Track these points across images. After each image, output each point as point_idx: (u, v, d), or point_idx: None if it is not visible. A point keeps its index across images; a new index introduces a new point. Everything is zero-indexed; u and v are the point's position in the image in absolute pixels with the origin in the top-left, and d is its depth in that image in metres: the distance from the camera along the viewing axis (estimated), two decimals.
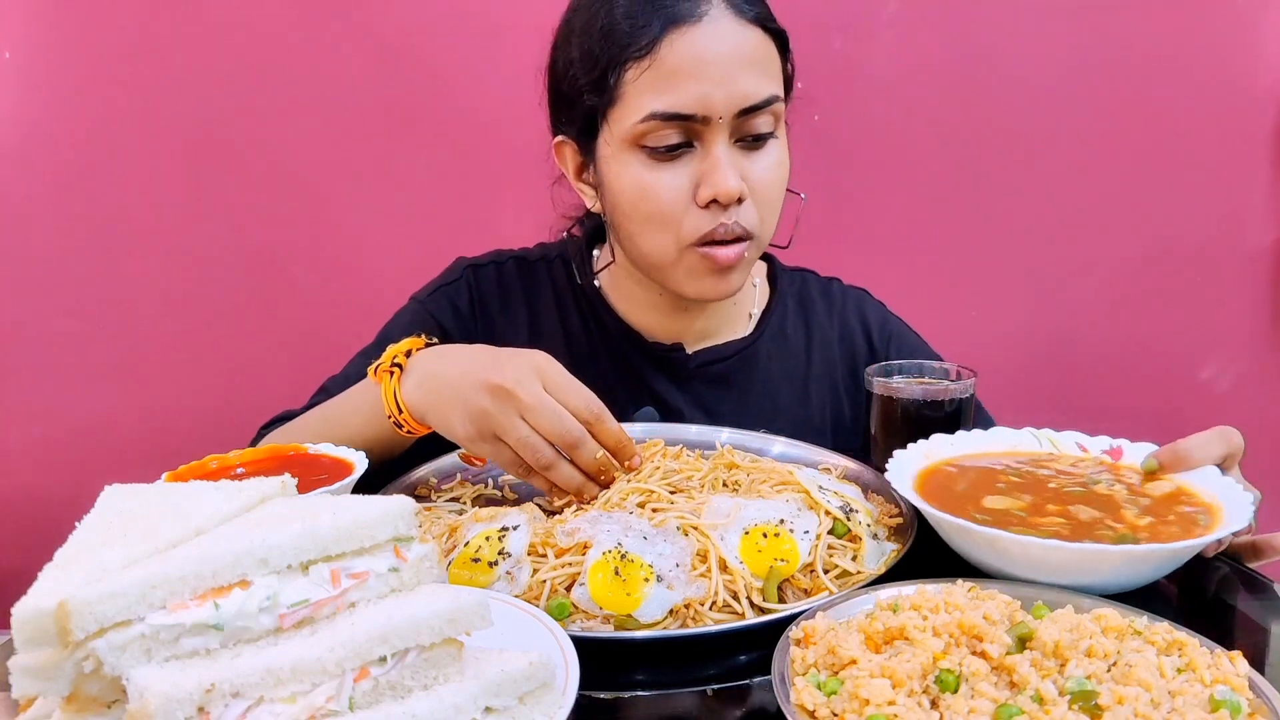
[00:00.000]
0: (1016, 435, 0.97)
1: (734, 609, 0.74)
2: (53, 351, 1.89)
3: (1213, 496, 0.83)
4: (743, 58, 1.03)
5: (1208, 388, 1.91)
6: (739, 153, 1.06)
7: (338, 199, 1.86)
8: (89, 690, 0.50)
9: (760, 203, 1.08)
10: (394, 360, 0.96)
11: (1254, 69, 1.79)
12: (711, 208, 1.05)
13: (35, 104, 1.79)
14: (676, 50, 1.01)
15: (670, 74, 1.02)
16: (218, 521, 0.59)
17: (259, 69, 1.79)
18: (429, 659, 0.55)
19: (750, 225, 1.07)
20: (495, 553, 0.79)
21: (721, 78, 1.02)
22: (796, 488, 0.88)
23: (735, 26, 1.03)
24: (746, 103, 1.03)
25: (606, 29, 1.04)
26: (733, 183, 1.03)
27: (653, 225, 1.08)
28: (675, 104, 1.02)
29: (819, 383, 1.28)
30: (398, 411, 0.94)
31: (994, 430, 0.97)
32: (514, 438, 0.87)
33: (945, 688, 0.58)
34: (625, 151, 1.06)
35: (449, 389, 0.91)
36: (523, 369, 0.88)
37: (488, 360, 0.90)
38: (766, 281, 1.33)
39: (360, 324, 1.26)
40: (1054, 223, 1.88)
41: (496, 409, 0.87)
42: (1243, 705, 0.56)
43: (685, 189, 1.05)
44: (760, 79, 1.04)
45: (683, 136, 1.04)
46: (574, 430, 0.87)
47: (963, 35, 1.80)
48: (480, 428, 0.88)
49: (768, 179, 1.08)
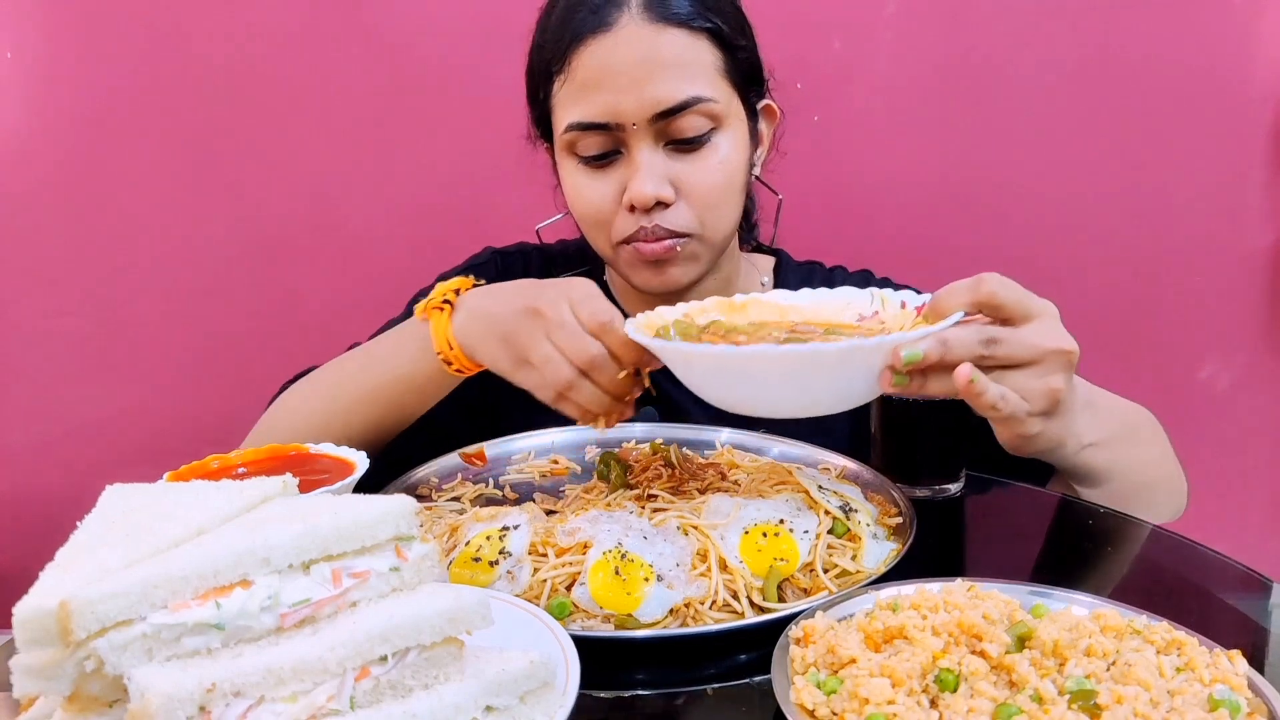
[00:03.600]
0: (855, 294, 0.92)
1: (734, 608, 0.75)
2: (54, 351, 1.89)
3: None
4: (654, 62, 1.03)
5: (1206, 387, 1.91)
6: (670, 156, 1.08)
7: (339, 198, 1.86)
8: (90, 690, 0.50)
9: (697, 203, 1.09)
10: (444, 298, 0.96)
11: (1252, 69, 1.79)
12: (635, 211, 1.08)
13: (36, 104, 1.79)
14: (585, 62, 1.05)
15: (581, 85, 1.06)
16: (219, 521, 0.59)
17: (259, 69, 1.79)
18: (430, 658, 0.55)
19: (681, 225, 1.09)
20: (496, 552, 0.79)
21: (630, 84, 1.03)
22: (796, 487, 0.88)
23: (648, 32, 1.03)
24: (659, 108, 1.04)
25: (538, 45, 1.12)
26: (648, 189, 1.05)
27: (588, 226, 1.14)
28: (587, 114, 1.05)
29: None
30: (448, 348, 0.94)
31: (839, 290, 0.93)
32: (537, 355, 0.87)
33: (945, 687, 0.58)
34: (564, 158, 1.12)
35: (492, 319, 0.91)
36: (555, 290, 0.88)
37: (530, 288, 0.91)
38: (773, 278, 1.34)
39: (361, 323, 1.26)
40: (1052, 222, 1.87)
41: (525, 330, 0.87)
42: (1242, 705, 0.56)
43: (613, 194, 1.09)
44: (677, 81, 1.04)
45: (609, 144, 1.07)
46: (590, 348, 0.85)
47: (962, 35, 1.80)
48: (513, 352, 0.89)
49: (702, 180, 1.08)
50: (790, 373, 0.73)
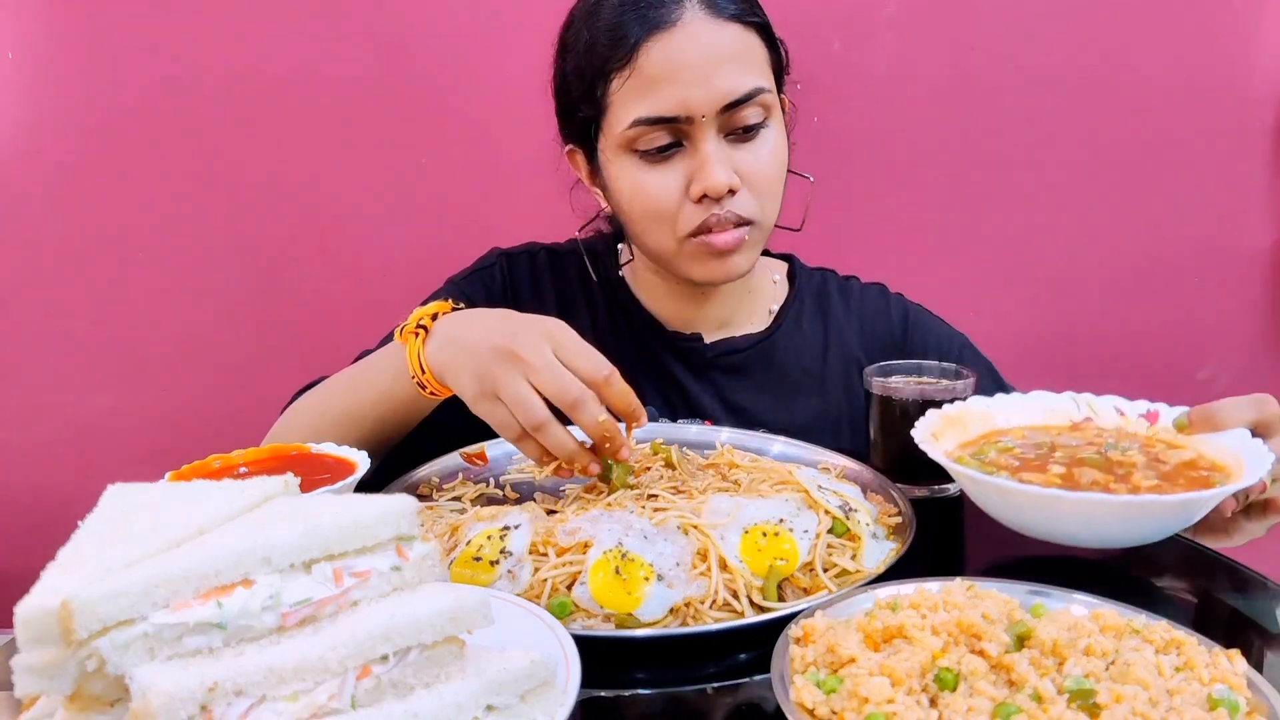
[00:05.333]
0: (1055, 399, 0.98)
1: (734, 608, 0.75)
2: (54, 351, 1.89)
3: (1232, 457, 0.83)
4: (720, 56, 1.06)
5: (1206, 387, 1.91)
6: (730, 146, 1.10)
7: (339, 199, 1.86)
8: (92, 689, 0.50)
9: (757, 190, 1.11)
10: (419, 322, 0.98)
11: (1253, 69, 1.79)
12: (704, 201, 1.09)
13: (36, 104, 1.79)
14: (653, 57, 1.05)
15: (650, 80, 1.06)
16: (220, 521, 0.59)
17: (259, 69, 1.79)
18: (431, 657, 0.55)
19: (747, 212, 1.11)
20: (497, 551, 0.79)
21: (700, 78, 1.05)
22: (796, 487, 0.88)
23: (711, 26, 1.06)
24: (727, 99, 1.06)
25: (590, 44, 1.10)
26: (721, 177, 1.07)
27: (651, 222, 1.13)
28: (657, 109, 1.06)
29: (836, 376, 1.30)
30: (420, 372, 0.96)
31: (1034, 394, 0.99)
32: (509, 393, 0.87)
33: (944, 686, 0.58)
34: (620, 156, 1.12)
35: (464, 351, 0.92)
36: (534, 333, 0.89)
37: (502, 325, 0.92)
38: (786, 279, 1.36)
39: (362, 323, 1.26)
40: (1053, 223, 1.87)
41: (501, 370, 0.88)
42: (1241, 704, 0.57)
43: (678, 186, 1.10)
44: (741, 73, 1.07)
45: (671, 137, 1.08)
46: (574, 389, 0.86)
47: (962, 35, 1.80)
48: (485, 388, 0.90)
49: (761, 168, 1.11)
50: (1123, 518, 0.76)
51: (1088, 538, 0.76)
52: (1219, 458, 0.85)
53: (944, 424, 0.94)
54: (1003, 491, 0.79)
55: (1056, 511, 0.77)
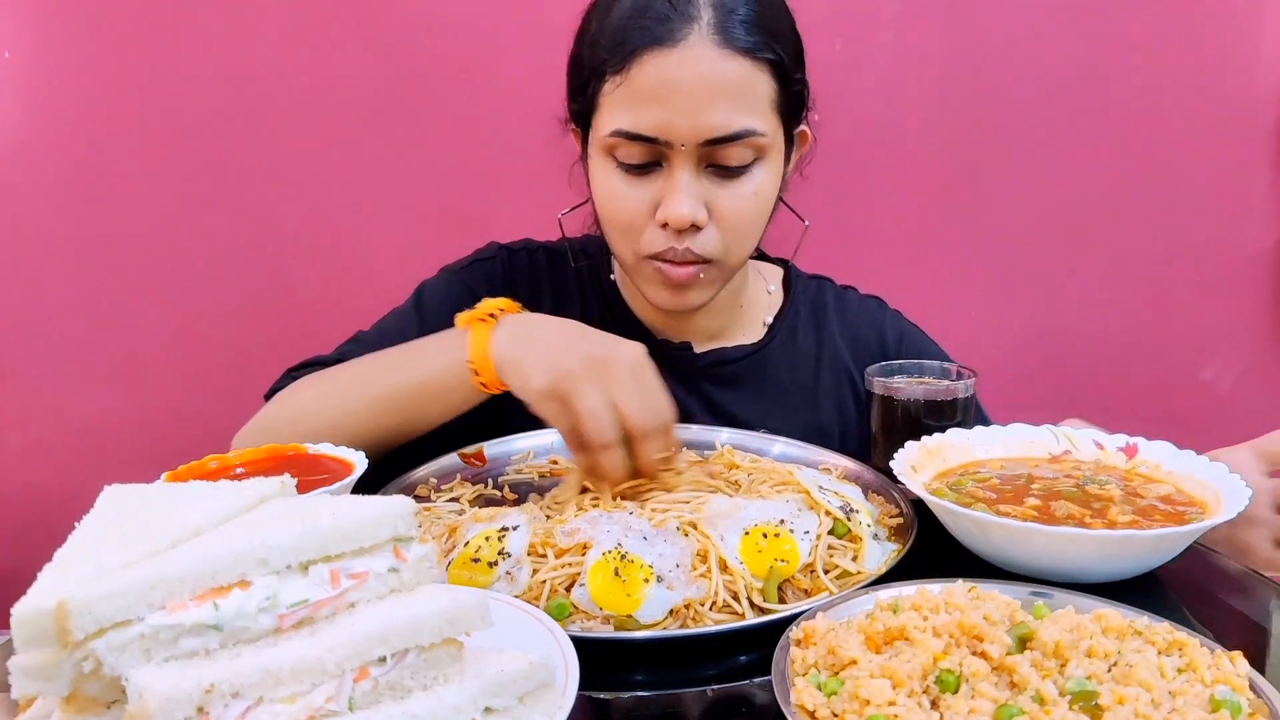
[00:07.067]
0: (1034, 431, 0.98)
1: (734, 609, 0.74)
2: (53, 351, 1.89)
3: (1211, 493, 0.83)
4: (716, 88, 1.00)
5: (1209, 388, 1.90)
6: (710, 179, 1.05)
7: (338, 199, 1.86)
8: (88, 690, 0.50)
9: (726, 229, 1.07)
10: (490, 312, 0.96)
11: (1254, 69, 1.79)
12: (668, 229, 1.06)
13: (36, 104, 1.79)
14: (646, 72, 1.01)
15: (637, 95, 1.02)
16: (217, 522, 0.59)
17: (259, 69, 1.79)
18: (429, 659, 0.55)
19: (708, 251, 1.07)
20: (495, 553, 0.79)
21: (687, 107, 1.00)
22: (797, 488, 0.88)
23: (714, 54, 1.00)
24: (711, 135, 1.01)
25: (594, 39, 1.06)
26: (685, 209, 1.03)
27: (616, 231, 1.11)
28: (638, 125, 1.02)
29: (829, 389, 1.28)
30: (483, 360, 0.94)
31: (1012, 426, 0.98)
32: (585, 404, 0.86)
33: (945, 688, 0.57)
34: (601, 157, 1.09)
35: (543, 346, 0.91)
36: (631, 354, 0.89)
37: (597, 336, 0.92)
38: (781, 288, 1.33)
39: (362, 323, 1.26)
40: (1055, 223, 1.87)
41: (583, 374, 0.87)
42: (1243, 705, 0.56)
43: (647, 204, 1.06)
44: (733, 111, 1.01)
45: (650, 155, 1.04)
46: (658, 420, 0.87)
47: (963, 35, 1.80)
48: (557, 384, 0.87)
49: (737, 207, 1.07)
50: (1098, 553, 0.76)
51: (1063, 572, 0.76)
52: (1197, 493, 0.86)
53: (923, 455, 0.94)
54: (979, 524, 0.79)
55: (1031, 545, 0.77)
